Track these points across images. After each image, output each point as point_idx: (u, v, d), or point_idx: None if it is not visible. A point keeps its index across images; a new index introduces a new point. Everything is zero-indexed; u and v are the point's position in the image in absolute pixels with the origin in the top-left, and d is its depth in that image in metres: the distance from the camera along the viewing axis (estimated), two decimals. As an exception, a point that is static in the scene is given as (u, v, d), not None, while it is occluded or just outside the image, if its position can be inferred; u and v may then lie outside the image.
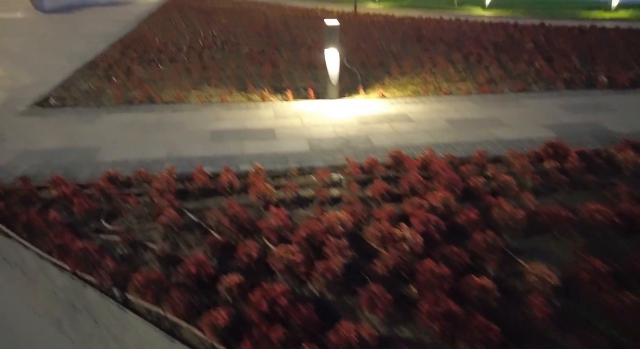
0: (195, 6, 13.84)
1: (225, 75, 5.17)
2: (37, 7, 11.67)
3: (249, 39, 7.60)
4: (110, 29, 8.72)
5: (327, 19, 4.53)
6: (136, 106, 3.98)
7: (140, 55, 6.20)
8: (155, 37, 7.60)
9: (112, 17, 10.82)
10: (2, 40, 7.19)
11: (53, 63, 5.61)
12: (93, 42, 7.17)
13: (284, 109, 3.93)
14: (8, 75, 5.01)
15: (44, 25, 9.12)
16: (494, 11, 13.95)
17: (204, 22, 9.98)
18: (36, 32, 8.22)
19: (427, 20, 10.73)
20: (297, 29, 8.97)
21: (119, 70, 5.26)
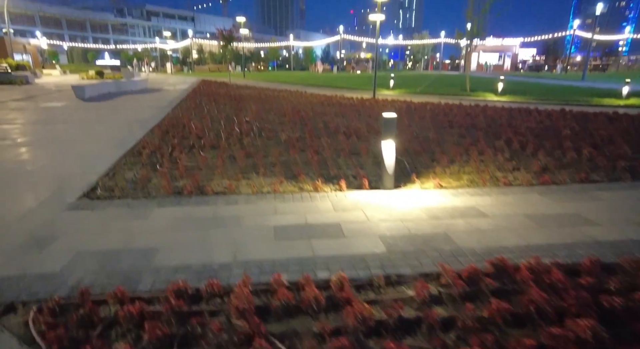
0: (222, 93, 14.78)
1: (270, 162, 5.12)
2: (78, 96, 12.51)
3: (284, 126, 7.81)
4: (146, 115, 9.11)
5: (385, 112, 4.55)
6: (187, 198, 3.81)
7: (180, 141, 6.29)
8: (191, 123, 7.86)
9: (146, 104, 11.45)
10: (48, 127, 7.45)
11: (96, 149, 5.67)
12: (132, 128, 7.39)
13: (342, 200, 3.72)
14: (54, 162, 5.00)
15: (85, 112, 9.58)
16: (507, 97, 14.63)
17: (235, 108, 10.48)
18: (78, 118, 8.59)
19: (450, 106, 11.14)
20: (326, 115, 9.30)
21: (162, 158, 5.25)
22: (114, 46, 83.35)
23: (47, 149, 5.67)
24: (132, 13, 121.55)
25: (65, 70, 34.22)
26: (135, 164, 5.02)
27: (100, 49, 75.32)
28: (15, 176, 4.38)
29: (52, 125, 7.73)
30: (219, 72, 45.32)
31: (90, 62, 63.81)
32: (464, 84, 20.85)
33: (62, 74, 31.58)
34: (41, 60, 38.85)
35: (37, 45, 41.45)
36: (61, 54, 64.50)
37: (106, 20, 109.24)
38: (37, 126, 7.57)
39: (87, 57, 65.80)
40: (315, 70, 53.01)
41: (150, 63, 44.84)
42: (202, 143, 6.19)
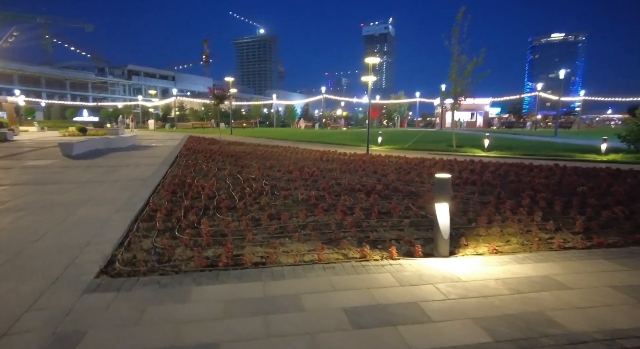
0: (216, 150, 14.52)
1: (298, 224, 4.74)
2: (66, 153, 11.93)
3: (294, 183, 7.52)
4: (144, 173, 8.65)
5: (438, 173, 4.36)
6: (224, 272, 3.33)
7: (191, 202, 5.85)
8: (196, 182, 7.46)
9: (140, 161, 10.99)
10: (40, 189, 6.83)
11: (101, 214, 5.12)
12: (134, 188, 6.89)
13: (401, 272, 3.34)
14: (57, 231, 4.42)
15: (77, 171, 9.00)
16: (495, 153, 15.13)
17: (235, 165, 10.17)
18: (72, 178, 8.00)
19: (447, 161, 11.29)
20: (332, 171, 9.13)
21: (178, 222, 4.78)
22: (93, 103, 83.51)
23: (46, 215, 5.07)
24: (114, 72, 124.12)
25: (43, 127, 33.41)
26: (150, 230, 4.51)
27: (78, 106, 75.07)
28: (16, 249, 3.77)
29: (44, 185, 7.12)
30: (203, 129, 45.60)
31: (68, 118, 63.13)
32: (448, 140, 21.65)
33: (40, 131, 30.74)
34: (17, 117, 37.98)
35: (14, 102, 40.82)
36: (38, 110, 63.67)
37: (87, 79, 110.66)
38: (28, 188, 6.93)
39: (65, 114, 65.11)
40: (297, 127, 54.36)
41: (134, 119, 44.74)
42: (216, 204, 5.76)
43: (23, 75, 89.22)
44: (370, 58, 14.66)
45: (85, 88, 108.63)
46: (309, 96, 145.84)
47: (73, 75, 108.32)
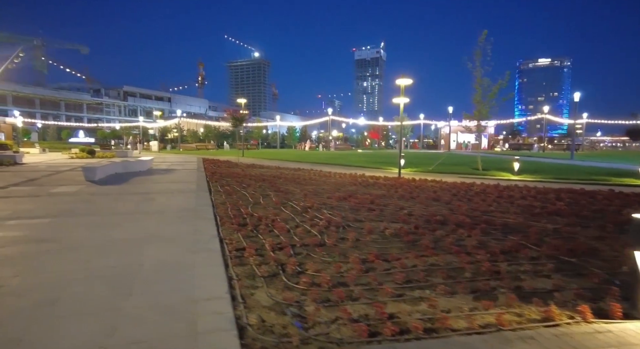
0: (241, 173, 13.79)
1: (420, 268, 4.01)
2: (88, 178, 11.10)
3: (361, 213, 6.82)
4: (188, 202, 7.87)
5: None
6: (396, 343, 2.58)
7: (271, 239, 5.09)
8: (252, 212, 6.71)
9: (171, 187, 10.20)
10: (86, 222, 6.01)
11: (178, 256, 4.34)
12: (190, 221, 6.11)
13: (621, 343, 2.63)
14: (142, 281, 3.62)
15: (111, 199, 8.17)
16: (525, 176, 14.66)
17: (276, 190, 9.44)
18: (111, 209, 7.18)
19: (494, 186, 10.72)
20: (388, 198, 8.47)
21: (277, 265, 4.02)
22: (89, 124, 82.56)
23: (113, 257, 4.27)
24: (109, 93, 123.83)
25: (45, 148, 32.35)
26: (253, 277, 3.74)
27: (74, 127, 73.98)
28: (109, 314, 2.97)
29: (86, 217, 6.30)
30: (207, 150, 44.88)
31: (64, 139, 61.95)
32: (467, 163, 21.28)
33: (42, 152, 29.68)
34: (14, 138, 36.87)
35: (12, 123, 39.83)
36: (33, 131, 62.49)
37: (82, 100, 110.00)
38: (71, 220, 6.10)
39: (61, 135, 63.97)
40: (301, 148, 53.91)
41: (141, 141, 43.78)
42: (299, 240, 5.02)
43: (17, 96, 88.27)
44: (401, 80, 14.29)
45: (80, 110, 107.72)
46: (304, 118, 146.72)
47: (68, 96, 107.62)
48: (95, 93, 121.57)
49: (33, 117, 76.08)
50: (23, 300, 3.11)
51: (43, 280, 3.53)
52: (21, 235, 5.07)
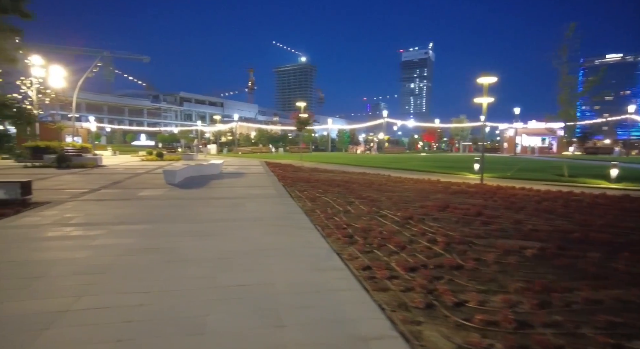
0: (311, 178, 13.42)
1: (607, 305, 3.20)
2: (168, 182, 11.27)
3: (475, 228, 6.01)
4: (278, 210, 7.54)
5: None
6: None
7: (396, 256, 4.50)
8: (348, 220, 6.17)
9: (251, 192, 9.99)
10: (188, 230, 5.81)
11: (306, 276, 3.87)
12: (292, 232, 5.71)
13: None
14: (288, 309, 3.17)
15: (199, 205, 8.03)
16: (627, 184, 12.89)
17: (358, 198, 8.84)
18: (204, 215, 6.97)
19: (596, 196, 9.36)
20: (490, 209, 7.54)
21: (421, 290, 3.40)
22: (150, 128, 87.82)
23: (239, 275, 3.88)
24: (167, 99, 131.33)
25: (116, 151, 34.57)
26: (406, 309, 3.14)
27: (136, 131, 79.11)
28: (253, 344, 2.52)
29: (183, 224, 6.10)
30: (261, 153, 45.71)
31: (128, 142, 66.29)
32: (548, 169, 19.44)
33: (113, 155, 31.69)
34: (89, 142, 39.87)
35: (87, 128, 43.14)
36: (102, 135, 67.59)
37: (143, 106, 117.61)
38: (173, 228, 5.93)
39: (126, 138, 68.64)
40: (354, 152, 53.24)
41: (205, 144, 45.47)
42: (427, 259, 4.37)
43: (89, 104, 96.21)
44: (484, 78, 13.17)
45: (141, 115, 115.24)
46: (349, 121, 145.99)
47: (131, 102, 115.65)
48: (155, 99, 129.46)
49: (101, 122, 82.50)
50: (167, 327, 2.74)
51: (177, 302, 3.19)
52: (132, 242, 4.90)
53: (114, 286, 3.47)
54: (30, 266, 3.96)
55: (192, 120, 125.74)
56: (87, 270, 3.86)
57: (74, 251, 4.52)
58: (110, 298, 3.22)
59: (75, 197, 8.59)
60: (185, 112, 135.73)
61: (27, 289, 3.38)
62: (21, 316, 2.88)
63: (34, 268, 3.92)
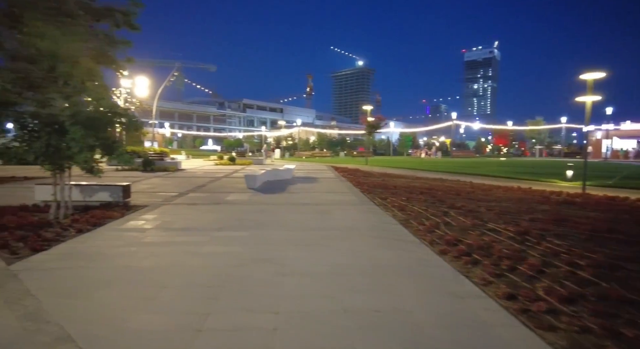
0: (386, 184, 12.81)
1: None
2: (249, 186, 11.39)
3: (609, 247, 5.03)
4: (364, 217, 7.11)
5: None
6: None
7: (539, 283, 3.80)
8: (450, 232, 5.51)
9: (332, 198, 9.69)
10: (290, 238, 5.58)
11: (449, 306, 3.36)
12: (389, 241, 5.22)
13: None
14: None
15: (286, 210, 7.86)
16: None
17: (451, 208, 8.08)
18: (293, 222, 6.75)
19: None
20: (612, 223, 6.40)
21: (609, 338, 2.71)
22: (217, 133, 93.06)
23: (368, 295, 3.49)
24: (231, 106, 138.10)
25: (189, 155, 36.79)
26: None
27: (204, 136, 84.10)
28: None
29: (279, 231, 5.89)
30: (322, 157, 45.91)
31: (197, 147, 70.54)
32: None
33: (187, 159, 33.69)
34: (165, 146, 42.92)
35: (162, 133, 46.56)
36: (174, 140, 72.69)
37: (209, 112, 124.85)
38: (267, 235, 5.74)
39: (195, 143, 73.17)
40: (417, 156, 51.46)
41: (274, 149, 46.85)
42: (582, 289, 3.61)
43: (162, 111, 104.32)
44: (588, 74, 11.63)
45: (207, 121, 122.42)
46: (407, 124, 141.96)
47: (198, 109, 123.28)
48: (220, 106, 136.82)
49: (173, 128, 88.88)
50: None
51: (312, 327, 2.85)
52: (240, 251, 4.74)
53: (240, 303, 3.24)
54: (150, 274, 3.91)
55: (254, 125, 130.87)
56: (206, 281, 3.71)
57: (186, 258, 4.45)
58: (240, 317, 2.98)
59: (168, 201, 8.90)
60: (248, 118, 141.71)
61: (155, 300, 3.27)
62: (160, 332, 2.72)
63: (154, 276, 3.86)
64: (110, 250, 4.75)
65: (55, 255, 4.50)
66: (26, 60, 5.91)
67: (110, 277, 3.79)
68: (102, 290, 3.46)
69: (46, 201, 7.87)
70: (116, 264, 4.22)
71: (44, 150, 5.98)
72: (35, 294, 3.32)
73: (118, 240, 5.24)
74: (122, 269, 4.05)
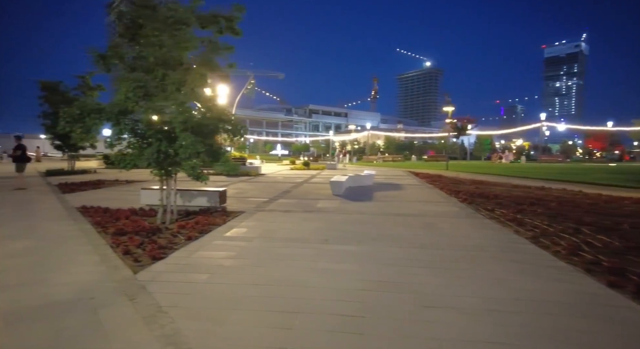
0: (484, 193, 11.56)
1: None
2: (335, 193, 11.02)
3: None
4: (478, 233, 6.22)
5: None
6: None
7: None
8: (613, 259, 4.41)
9: (429, 209, 8.86)
10: (397, 255, 4.98)
11: None
12: (528, 265, 4.34)
13: None
14: None
15: (386, 221, 7.27)
16: None
17: (586, 225, 6.79)
18: (403, 237, 6.14)
19: None
20: None
21: None
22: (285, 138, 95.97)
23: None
24: (298, 112, 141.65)
25: (263, 160, 38.07)
26: None
27: (274, 141, 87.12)
28: None
29: (392, 247, 5.30)
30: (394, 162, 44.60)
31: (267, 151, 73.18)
32: None
33: (261, 163, 34.85)
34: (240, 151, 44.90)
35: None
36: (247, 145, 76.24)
37: (277, 118, 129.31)
38: (382, 251, 5.21)
39: (265, 148, 76.02)
40: (497, 161, 47.71)
41: (346, 153, 46.96)
42: None
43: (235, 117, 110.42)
44: None
45: (276, 126, 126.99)
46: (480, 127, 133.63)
47: (267, 115, 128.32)
48: (287, 112, 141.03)
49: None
50: None
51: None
52: (359, 271, 4.23)
53: (392, 345, 2.69)
54: (275, 294, 3.55)
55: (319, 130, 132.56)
56: (340, 309, 3.23)
57: (305, 276, 4.06)
58: (405, 365, 2.42)
59: (261, 207, 8.80)
60: (313, 123, 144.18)
61: (292, 331, 2.86)
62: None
63: (280, 297, 3.49)
64: (226, 262, 4.55)
65: (174, 266, 4.39)
66: (143, 70, 6.10)
67: (236, 295, 3.50)
68: (233, 311, 3.15)
69: (151, 205, 8.19)
70: (236, 279, 3.95)
71: (155, 157, 6.09)
72: (167, 312, 3.10)
73: (228, 250, 5.05)
74: (243, 286, 3.75)
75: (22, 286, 3.69)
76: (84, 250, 4.96)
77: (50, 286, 3.69)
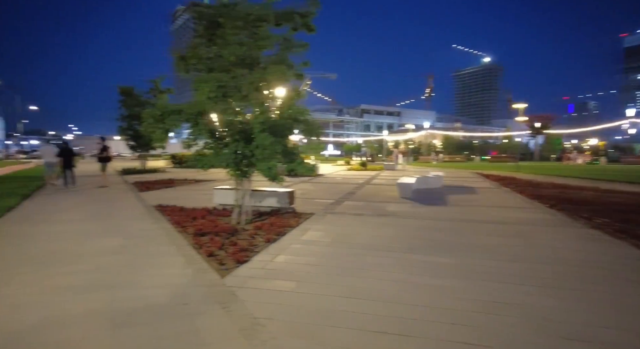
0: (576, 198, 10.33)
1: None
2: (403, 195, 10.50)
3: None
4: (586, 248, 5.40)
5: None
6: None
7: None
8: None
9: (508, 214, 8.05)
10: (496, 270, 4.45)
11: None
12: None
13: None
14: None
15: (463, 228, 6.71)
16: None
17: None
18: (494, 247, 5.59)
19: None
20: None
21: None
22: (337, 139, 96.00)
23: None
24: (349, 112, 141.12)
25: (317, 160, 38.10)
26: None
27: (326, 142, 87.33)
28: None
29: (484, 260, 4.76)
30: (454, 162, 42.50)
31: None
32: None
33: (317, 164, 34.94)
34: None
35: (292, 139, 49.56)
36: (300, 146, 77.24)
37: (329, 119, 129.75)
38: (476, 264, 4.69)
39: (317, 148, 76.49)
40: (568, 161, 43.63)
41: (406, 154, 45.81)
42: None
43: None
44: None
45: (327, 127, 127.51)
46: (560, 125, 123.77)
47: (320, 116, 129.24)
48: (339, 113, 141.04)
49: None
50: None
51: None
52: (464, 288, 3.75)
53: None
54: (375, 313, 3.22)
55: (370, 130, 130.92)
56: (459, 336, 2.79)
57: (396, 289, 3.68)
58: None
59: (329, 209, 8.57)
60: (364, 123, 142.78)
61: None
62: None
63: (383, 317, 3.14)
64: (309, 269, 4.31)
65: (259, 270, 4.23)
66: (220, 71, 6.09)
67: (329, 309, 3.22)
68: (330, 329, 2.87)
69: (224, 205, 8.29)
70: (324, 290, 3.68)
71: (233, 158, 6.05)
72: (265, 325, 2.89)
73: (309, 256, 4.83)
74: (334, 299, 3.46)
75: (118, 287, 3.72)
76: (168, 251, 5.00)
77: (144, 289, 3.67)
